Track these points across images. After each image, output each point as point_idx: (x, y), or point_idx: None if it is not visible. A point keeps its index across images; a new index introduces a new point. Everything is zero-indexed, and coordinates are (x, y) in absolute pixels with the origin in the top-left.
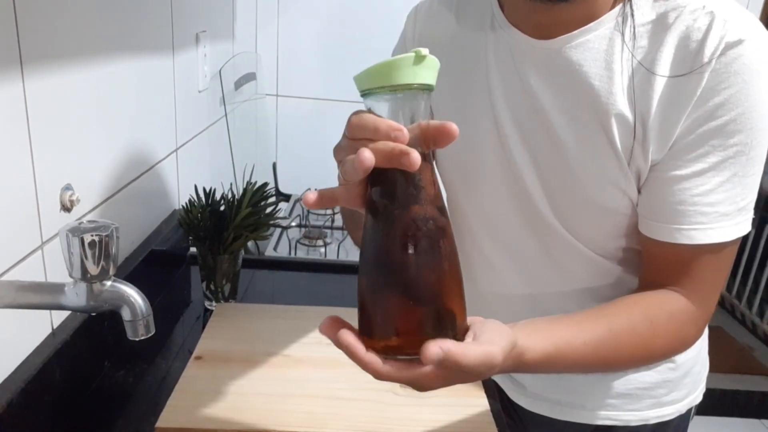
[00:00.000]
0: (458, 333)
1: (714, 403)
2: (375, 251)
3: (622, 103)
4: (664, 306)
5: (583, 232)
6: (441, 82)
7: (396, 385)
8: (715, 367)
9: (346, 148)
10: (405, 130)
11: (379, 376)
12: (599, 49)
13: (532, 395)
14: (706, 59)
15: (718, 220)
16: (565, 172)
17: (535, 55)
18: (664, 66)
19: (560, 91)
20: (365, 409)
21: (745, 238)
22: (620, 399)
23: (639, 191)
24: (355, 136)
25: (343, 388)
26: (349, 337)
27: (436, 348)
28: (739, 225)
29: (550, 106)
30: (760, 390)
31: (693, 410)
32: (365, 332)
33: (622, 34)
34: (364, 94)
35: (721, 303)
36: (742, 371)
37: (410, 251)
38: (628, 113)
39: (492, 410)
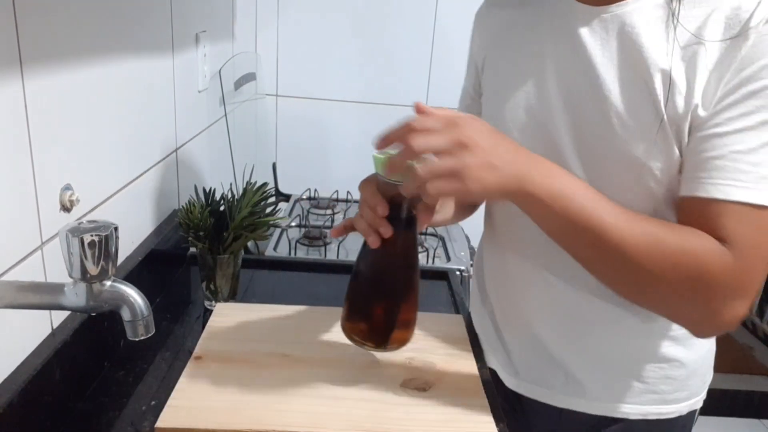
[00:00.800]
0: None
1: (714, 403)
2: (364, 271)
3: (666, 62)
4: (695, 232)
5: (610, 191)
6: (497, 52)
7: (396, 385)
8: (715, 367)
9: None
10: (380, 209)
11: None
12: (651, 15)
13: (529, 380)
14: (753, 25)
15: (759, 181)
16: (603, 127)
17: (590, 19)
18: (711, 32)
19: (610, 51)
20: (365, 409)
21: None
22: (621, 391)
23: (680, 153)
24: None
25: (343, 388)
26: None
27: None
28: None
29: (599, 65)
30: (760, 390)
31: (696, 414)
32: (347, 317)
33: (672, 1)
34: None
35: None
36: (742, 371)
37: (378, 278)
38: (673, 72)
39: (492, 410)
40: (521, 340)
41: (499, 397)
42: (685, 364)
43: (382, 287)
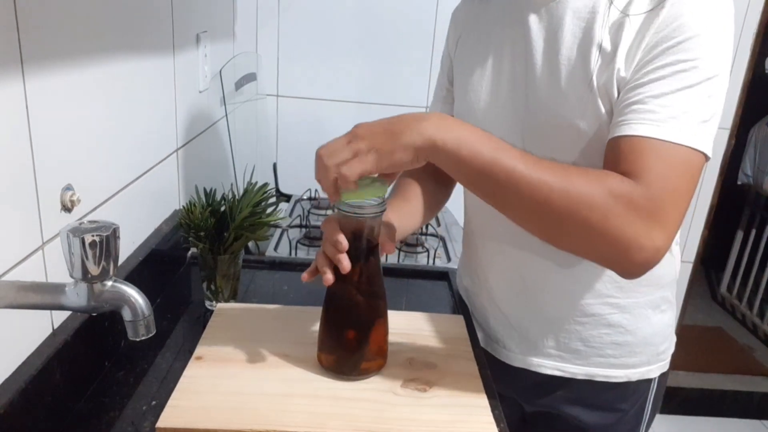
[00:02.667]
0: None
1: (714, 403)
2: (331, 303)
3: (599, 36)
4: (603, 172)
5: (545, 153)
6: (465, 44)
7: (396, 385)
8: (715, 368)
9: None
10: (340, 245)
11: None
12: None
13: (494, 339)
14: None
15: (668, 120)
16: (547, 101)
17: (539, 7)
18: (636, 7)
19: (555, 34)
20: (365, 409)
21: (745, 239)
22: (569, 352)
23: (607, 113)
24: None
25: (343, 388)
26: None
27: None
28: (696, 135)
29: (544, 47)
30: (760, 390)
31: (653, 384)
32: (319, 348)
33: None
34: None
35: (722, 303)
36: (743, 372)
37: (345, 310)
38: (603, 43)
39: (492, 410)
40: (488, 306)
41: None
42: (631, 331)
43: (350, 319)
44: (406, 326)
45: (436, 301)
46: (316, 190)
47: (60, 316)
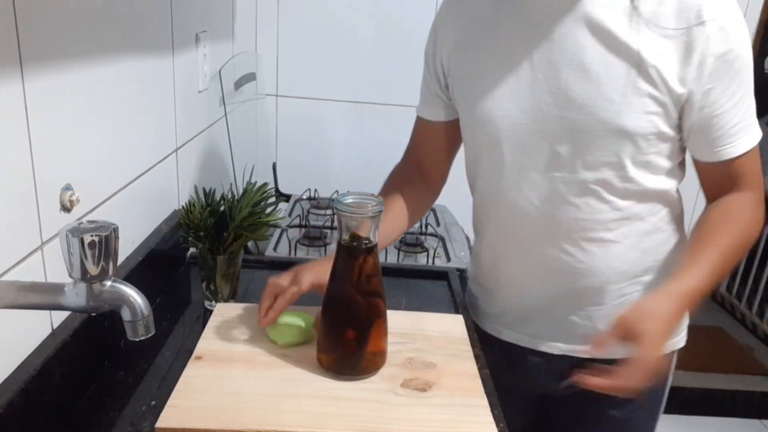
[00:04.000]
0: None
1: (714, 403)
2: (329, 304)
3: (628, 40)
4: (733, 201)
5: (595, 156)
6: (461, 54)
7: (396, 385)
8: (715, 367)
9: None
10: (263, 320)
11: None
12: (613, 4)
13: (492, 319)
14: (707, 18)
15: (748, 130)
16: (577, 99)
17: (562, 14)
18: (665, 19)
19: (581, 41)
20: (365, 409)
21: None
22: (548, 330)
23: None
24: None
25: (343, 388)
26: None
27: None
28: (757, 131)
29: (568, 49)
30: (760, 390)
31: (674, 358)
32: (318, 349)
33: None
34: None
35: (721, 303)
36: (742, 371)
37: (344, 311)
38: (635, 46)
39: (492, 410)
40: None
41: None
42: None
43: (349, 319)
44: (406, 326)
45: (436, 301)
46: (315, 190)
47: (59, 316)
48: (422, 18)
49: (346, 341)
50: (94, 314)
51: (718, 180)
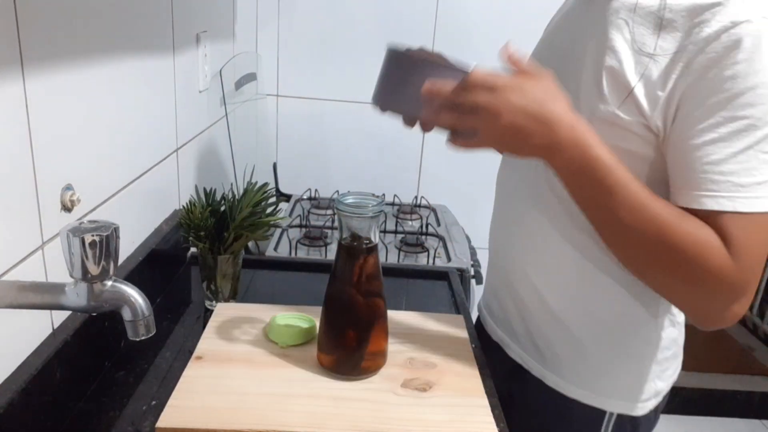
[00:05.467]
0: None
1: (714, 403)
2: (329, 304)
3: (610, 59)
4: (704, 226)
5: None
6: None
7: (396, 385)
8: (715, 368)
9: None
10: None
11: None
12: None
13: (497, 323)
14: (711, 34)
15: (732, 189)
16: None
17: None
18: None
19: (572, 49)
20: (365, 409)
21: None
22: (532, 346)
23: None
24: None
25: (343, 388)
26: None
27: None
28: (761, 199)
29: (562, 58)
30: (760, 390)
31: (609, 422)
32: (318, 348)
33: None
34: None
35: None
36: (742, 371)
37: (343, 311)
38: (617, 66)
39: (492, 410)
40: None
41: (498, 403)
42: (586, 346)
43: (349, 318)
44: (406, 326)
45: (436, 301)
46: (316, 190)
47: (60, 316)
48: (423, 18)
49: (346, 341)
50: (94, 314)
51: None
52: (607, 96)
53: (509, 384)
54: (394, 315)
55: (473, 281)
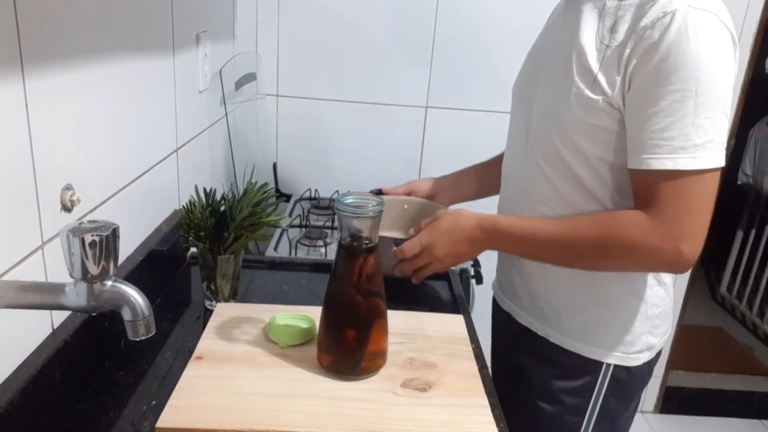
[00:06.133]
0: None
1: (714, 403)
2: (329, 304)
3: (580, 45)
4: (616, 215)
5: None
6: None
7: (396, 385)
8: (715, 367)
9: None
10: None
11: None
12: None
13: (506, 295)
14: (648, 23)
15: (673, 152)
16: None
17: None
18: (618, 35)
19: (558, 35)
20: (365, 409)
21: (744, 239)
22: (536, 309)
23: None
24: None
25: (343, 388)
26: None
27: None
28: (697, 159)
29: (551, 47)
30: (760, 390)
31: (607, 372)
32: (318, 348)
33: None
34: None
35: (722, 303)
36: (742, 371)
37: (343, 311)
38: (586, 55)
39: (492, 410)
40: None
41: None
42: (587, 302)
43: (350, 318)
44: (406, 326)
45: (436, 301)
46: (315, 190)
47: (60, 316)
48: (423, 18)
49: (346, 341)
50: (94, 314)
51: (636, 191)
52: (579, 81)
53: (518, 347)
54: (394, 315)
55: (473, 281)
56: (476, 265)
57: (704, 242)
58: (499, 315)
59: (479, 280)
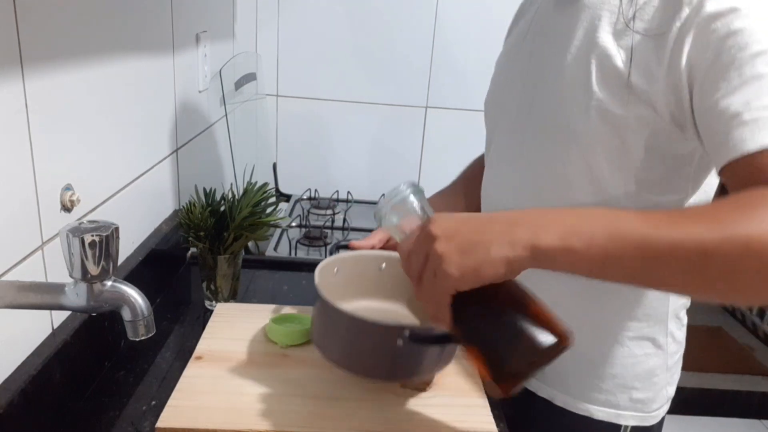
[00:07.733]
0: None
1: (714, 403)
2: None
3: (604, 41)
4: (731, 196)
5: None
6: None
7: (396, 385)
8: (715, 367)
9: None
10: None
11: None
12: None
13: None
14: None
15: (764, 126)
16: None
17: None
18: (650, 22)
19: (566, 31)
20: (365, 409)
21: None
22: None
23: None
24: None
25: (343, 388)
26: None
27: None
28: None
29: (555, 43)
30: (760, 390)
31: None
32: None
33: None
34: None
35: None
36: (742, 371)
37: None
38: (611, 50)
39: (492, 410)
40: None
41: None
42: (597, 357)
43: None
44: None
45: None
46: (315, 190)
47: (60, 316)
48: (423, 18)
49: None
50: (94, 314)
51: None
52: (602, 90)
53: (515, 408)
54: None
55: None
56: None
57: None
58: None
59: None
